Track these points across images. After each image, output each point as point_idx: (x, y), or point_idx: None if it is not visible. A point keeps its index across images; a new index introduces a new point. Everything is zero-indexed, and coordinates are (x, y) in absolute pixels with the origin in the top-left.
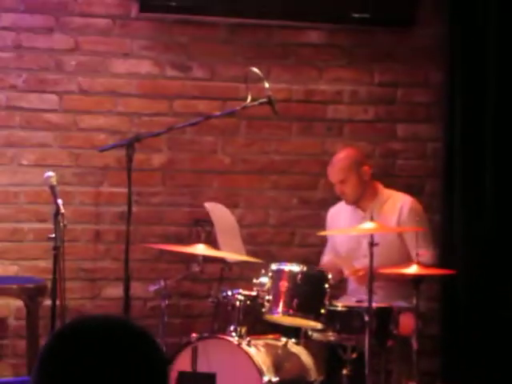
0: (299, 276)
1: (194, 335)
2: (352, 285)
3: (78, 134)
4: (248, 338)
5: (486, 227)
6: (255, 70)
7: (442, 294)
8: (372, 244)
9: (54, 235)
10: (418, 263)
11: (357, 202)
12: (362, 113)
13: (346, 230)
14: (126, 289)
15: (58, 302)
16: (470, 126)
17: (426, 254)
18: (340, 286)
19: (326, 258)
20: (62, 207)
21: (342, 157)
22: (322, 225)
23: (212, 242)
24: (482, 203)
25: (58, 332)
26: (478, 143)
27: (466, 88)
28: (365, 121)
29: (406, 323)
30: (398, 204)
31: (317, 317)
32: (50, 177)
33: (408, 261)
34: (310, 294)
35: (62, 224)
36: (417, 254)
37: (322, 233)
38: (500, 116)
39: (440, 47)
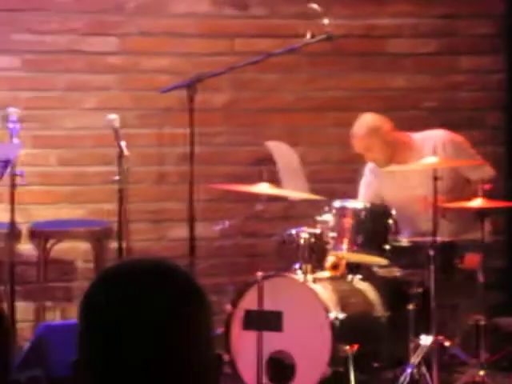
0: (363, 212)
1: (259, 274)
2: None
3: (140, 76)
4: (313, 276)
5: None
6: (314, 6)
7: (508, 226)
8: (436, 178)
9: (118, 178)
10: (483, 193)
11: (390, 163)
12: (424, 46)
13: (410, 165)
14: (191, 229)
15: (124, 244)
16: None
17: (486, 171)
18: None
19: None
20: (125, 149)
21: (359, 126)
22: None
23: (275, 181)
24: None
25: (97, 277)
26: None
27: None
28: (426, 54)
29: (472, 257)
30: (438, 143)
31: (381, 252)
32: (112, 119)
33: (466, 186)
34: (374, 230)
35: (125, 166)
36: (480, 186)
37: (390, 168)
38: None
39: None
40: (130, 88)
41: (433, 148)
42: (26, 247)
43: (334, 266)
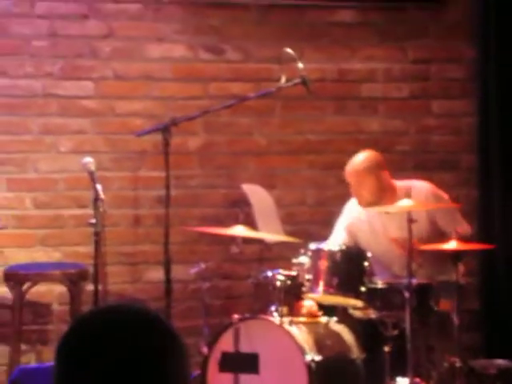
0: (338, 254)
1: (235, 316)
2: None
3: (115, 120)
4: (289, 318)
5: None
6: (288, 50)
7: (481, 268)
8: (411, 221)
9: (94, 221)
10: (458, 239)
11: (371, 206)
12: (396, 90)
13: (386, 208)
14: (167, 272)
15: (100, 287)
16: (505, 100)
17: (464, 227)
18: None
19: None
20: (101, 193)
21: (363, 158)
22: None
23: (250, 223)
24: None
25: (73, 323)
26: None
27: (501, 62)
28: (399, 98)
29: (446, 300)
30: (421, 194)
31: (357, 295)
32: (88, 162)
33: (441, 237)
34: (350, 272)
35: (101, 209)
36: (455, 231)
37: (369, 209)
38: None
39: (473, 22)
40: (105, 131)
41: (424, 199)
42: (0, 290)
43: (310, 315)
